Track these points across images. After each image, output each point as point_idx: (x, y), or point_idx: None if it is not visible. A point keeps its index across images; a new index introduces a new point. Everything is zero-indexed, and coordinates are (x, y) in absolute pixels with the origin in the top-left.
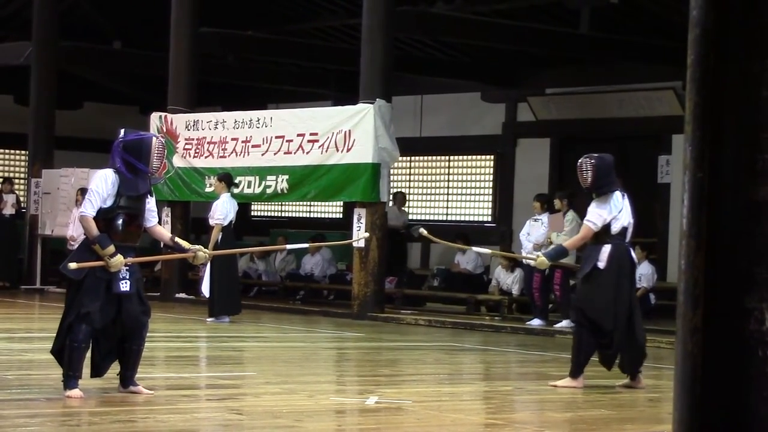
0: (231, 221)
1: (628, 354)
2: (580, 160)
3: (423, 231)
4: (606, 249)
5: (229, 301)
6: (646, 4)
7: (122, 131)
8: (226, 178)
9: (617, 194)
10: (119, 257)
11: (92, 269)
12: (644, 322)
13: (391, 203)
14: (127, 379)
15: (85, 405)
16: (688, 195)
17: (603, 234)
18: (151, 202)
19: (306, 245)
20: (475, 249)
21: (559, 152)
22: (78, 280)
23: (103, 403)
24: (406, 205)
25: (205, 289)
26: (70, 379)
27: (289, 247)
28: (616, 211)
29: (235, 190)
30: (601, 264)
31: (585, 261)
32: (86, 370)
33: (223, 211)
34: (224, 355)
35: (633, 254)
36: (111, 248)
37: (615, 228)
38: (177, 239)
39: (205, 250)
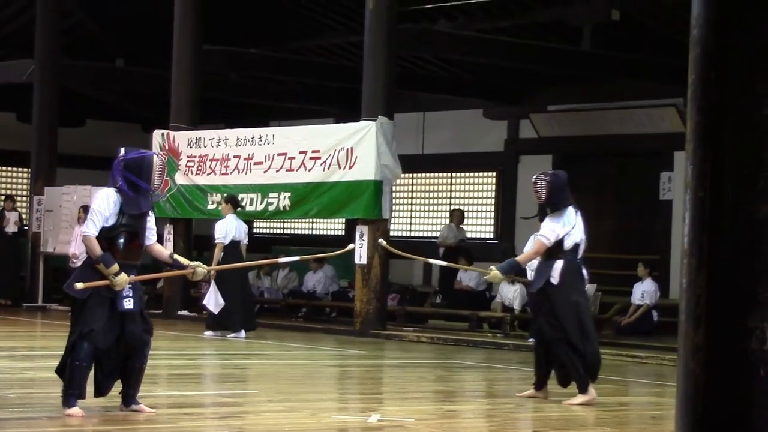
0: (239, 241)
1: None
2: (534, 177)
3: (382, 242)
4: (558, 265)
5: (245, 316)
6: (647, 22)
7: (122, 149)
8: (233, 200)
9: (570, 210)
10: (123, 276)
11: (96, 288)
12: (647, 340)
13: (447, 220)
14: (129, 398)
15: (87, 423)
16: (689, 213)
17: (555, 249)
18: (151, 220)
19: (297, 258)
20: (432, 261)
21: (561, 169)
22: (82, 299)
23: (104, 422)
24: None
25: (209, 303)
26: (70, 398)
27: (282, 260)
28: (569, 226)
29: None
30: (554, 280)
31: (537, 276)
32: (89, 388)
33: (222, 230)
34: (226, 373)
35: (584, 271)
36: (115, 267)
37: (568, 244)
38: (176, 256)
39: (204, 266)
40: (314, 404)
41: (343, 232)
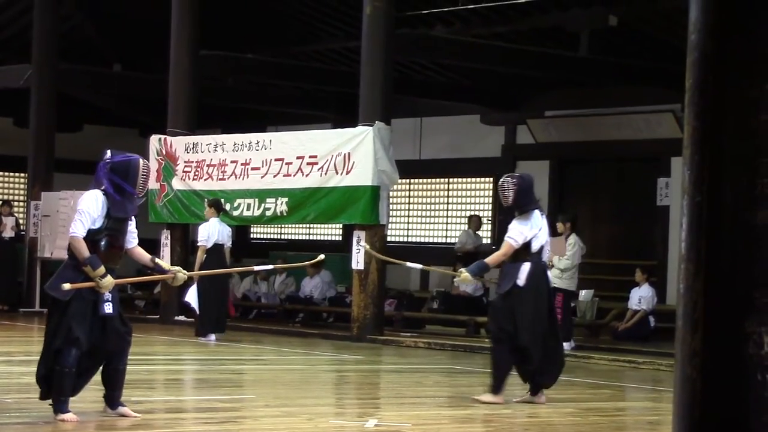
0: (223, 244)
1: (549, 369)
2: (501, 180)
3: (366, 246)
4: (525, 267)
5: (215, 320)
6: (644, 27)
7: (108, 152)
8: (216, 204)
9: (537, 213)
10: (109, 278)
11: (78, 291)
12: (644, 345)
13: (465, 226)
14: (114, 400)
15: (83, 428)
16: (686, 219)
17: (522, 252)
18: (132, 224)
19: (271, 267)
20: (408, 264)
21: (558, 174)
22: (64, 301)
23: (99, 427)
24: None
25: (192, 300)
26: (62, 404)
27: (257, 268)
28: (536, 229)
29: (235, 213)
30: (521, 282)
31: (503, 278)
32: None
33: (205, 233)
34: (223, 378)
35: (549, 273)
36: (102, 269)
37: (534, 246)
38: (157, 260)
39: (184, 271)
40: (311, 409)
41: (341, 238)
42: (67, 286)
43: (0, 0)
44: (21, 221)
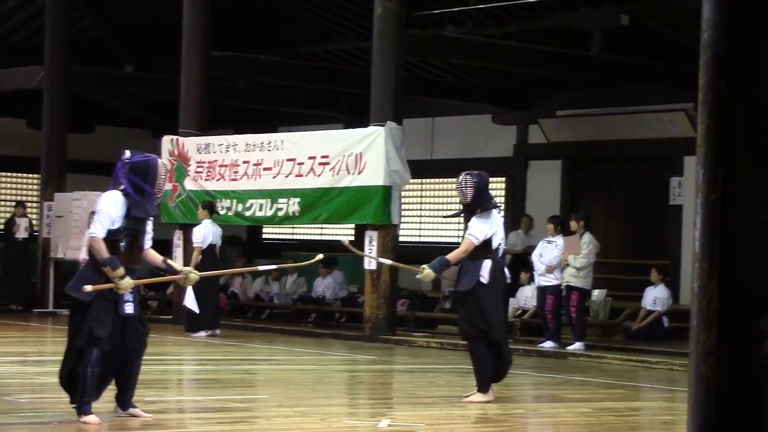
0: (215, 245)
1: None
2: (460, 177)
3: (345, 242)
4: (487, 264)
5: (209, 317)
6: (656, 26)
7: (127, 152)
8: (209, 206)
9: (495, 212)
10: (129, 279)
11: (100, 291)
12: (657, 345)
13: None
14: (125, 401)
15: (98, 429)
16: (700, 217)
17: (483, 249)
18: (149, 224)
19: (275, 267)
20: (382, 260)
21: (570, 174)
22: (86, 302)
23: (113, 427)
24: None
25: (190, 304)
26: (85, 405)
27: (261, 268)
28: (496, 226)
29: (247, 213)
30: (484, 279)
31: (464, 276)
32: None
33: (200, 235)
34: (236, 378)
35: (506, 271)
36: (121, 270)
37: (494, 244)
38: (169, 261)
39: (195, 272)
40: (324, 409)
41: (353, 238)
42: (88, 287)
43: (12, 3)
44: (34, 222)
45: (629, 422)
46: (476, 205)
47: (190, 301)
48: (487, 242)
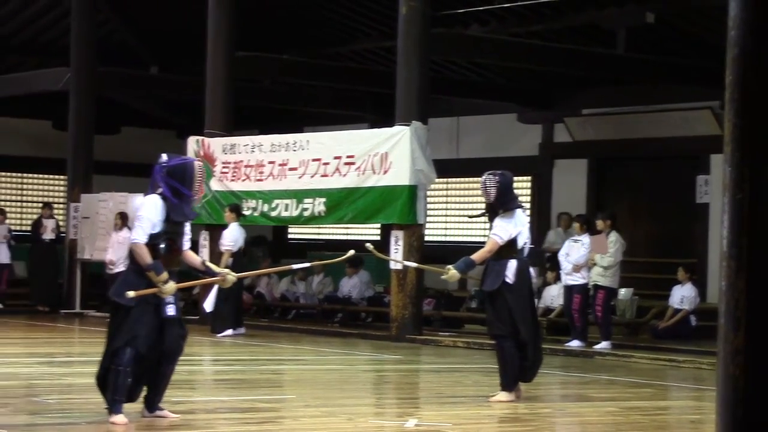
0: (240, 247)
1: (533, 366)
2: (483, 177)
3: (369, 246)
4: (513, 264)
5: (234, 316)
6: (682, 24)
7: (164, 155)
8: (237, 209)
9: (519, 211)
10: (172, 283)
11: (143, 296)
12: (685, 344)
13: (557, 226)
14: (153, 403)
15: (126, 429)
16: (727, 216)
17: (508, 249)
18: (187, 226)
19: (308, 264)
20: (406, 263)
21: (596, 173)
22: (128, 306)
23: (141, 428)
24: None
25: (208, 304)
26: (116, 404)
27: (295, 266)
28: (521, 226)
29: (273, 213)
30: (509, 279)
31: (489, 276)
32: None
33: (232, 238)
34: (263, 378)
35: (532, 271)
36: (165, 275)
37: (519, 243)
38: (207, 263)
39: (233, 273)
40: (351, 409)
41: (379, 237)
42: (131, 293)
43: (38, 5)
44: (61, 223)
45: (657, 421)
46: (499, 204)
47: (208, 301)
48: (512, 242)
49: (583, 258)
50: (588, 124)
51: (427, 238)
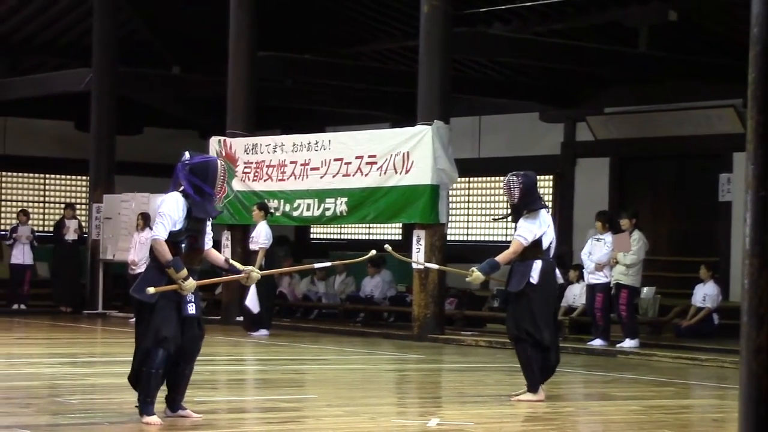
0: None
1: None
2: (507, 178)
3: (388, 247)
4: (538, 265)
5: (268, 317)
6: (705, 22)
7: (186, 153)
8: (264, 207)
9: (544, 212)
10: (192, 281)
11: (164, 293)
12: (708, 342)
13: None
14: (175, 403)
15: (150, 429)
16: (750, 214)
17: (533, 250)
18: (209, 225)
19: (329, 264)
20: (429, 265)
21: (618, 171)
22: (150, 303)
23: (164, 428)
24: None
25: (252, 304)
26: (147, 405)
27: (317, 265)
28: (545, 226)
29: (295, 213)
30: (534, 279)
31: (514, 276)
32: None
33: (265, 236)
34: (285, 378)
35: (558, 272)
36: (185, 272)
37: (545, 244)
38: (231, 261)
39: (258, 270)
40: (373, 408)
41: (400, 237)
42: (151, 289)
43: (60, 6)
44: (83, 224)
45: (680, 420)
46: (523, 205)
47: (252, 301)
48: (537, 242)
49: (606, 256)
50: (610, 122)
51: (449, 238)
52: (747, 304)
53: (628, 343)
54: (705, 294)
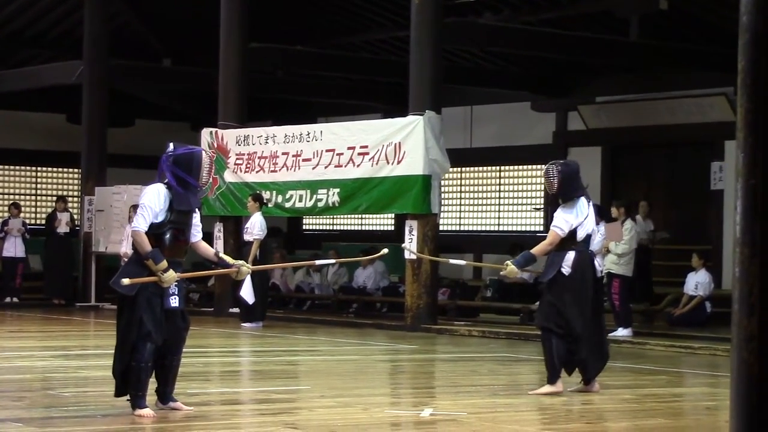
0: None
1: (592, 360)
2: (546, 167)
3: (405, 246)
4: (570, 255)
5: (262, 308)
6: (695, 10)
7: (171, 145)
8: (260, 198)
9: (583, 200)
10: (172, 272)
11: (144, 285)
12: (700, 331)
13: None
14: (166, 395)
15: (143, 422)
16: (741, 202)
17: (568, 240)
18: (196, 217)
19: (333, 261)
20: (452, 261)
21: (610, 160)
22: (131, 296)
23: (157, 420)
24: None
25: (247, 295)
26: (139, 399)
27: (318, 262)
28: (582, 217)
29: (287, 204)
30: (566, 270)
31: (548, 267)
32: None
33: (259, 227)
34: (278, 369)
35: (596, 262)
36: (164, 263)
37: (580, 234)
38: (221, 254)
39: (248, 264)
40: (366, 399)
41: (393, 227)
42: (126, 281)
43: None
44: (75, 216)
45: (672, 408)
46: (561, 195)
47: (247, 292)
48: (572, 233)
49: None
50: (602, 111)
51: (441, 228)
52: (738, 292)
53: (621, 332)
54: (697, 282)
